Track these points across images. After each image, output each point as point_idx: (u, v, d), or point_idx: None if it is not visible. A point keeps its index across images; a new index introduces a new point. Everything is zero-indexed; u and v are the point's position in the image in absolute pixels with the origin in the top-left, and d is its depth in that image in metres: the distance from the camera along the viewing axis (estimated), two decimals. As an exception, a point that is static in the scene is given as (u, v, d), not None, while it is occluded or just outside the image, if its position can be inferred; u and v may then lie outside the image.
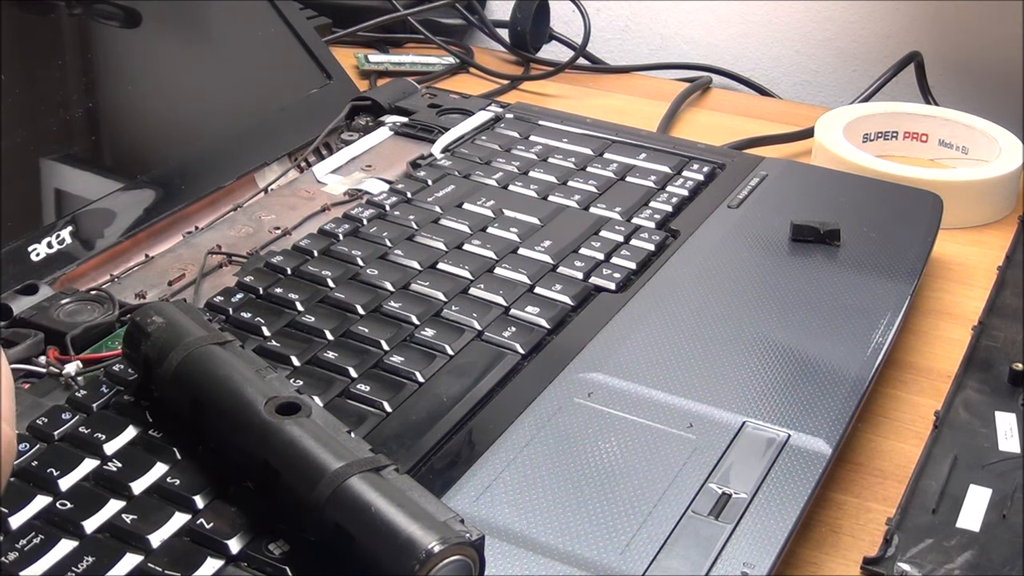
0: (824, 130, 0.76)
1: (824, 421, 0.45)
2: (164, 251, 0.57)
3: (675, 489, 0.41)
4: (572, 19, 1.00)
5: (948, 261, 0.66)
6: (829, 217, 0.59)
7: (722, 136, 0.80)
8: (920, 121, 0.80)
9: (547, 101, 0.89)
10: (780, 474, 0.42)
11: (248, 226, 0.60)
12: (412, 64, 0.94)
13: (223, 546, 0.37)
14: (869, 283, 0.55)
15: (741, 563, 0.38)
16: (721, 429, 0.44)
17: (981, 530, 0.44)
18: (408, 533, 0.34)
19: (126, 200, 0.58)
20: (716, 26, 1.02)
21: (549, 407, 0.46)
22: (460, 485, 0.41)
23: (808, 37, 0.99)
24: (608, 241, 0.58)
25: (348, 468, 0.36)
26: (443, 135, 0.70)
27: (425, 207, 0.61)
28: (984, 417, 0.51)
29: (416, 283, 0.54)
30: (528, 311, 0.52)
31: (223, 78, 0.70)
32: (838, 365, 0.49)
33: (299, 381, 0.46)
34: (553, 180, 0.65)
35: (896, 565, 0.42)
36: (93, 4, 0.63)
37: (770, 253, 0.58)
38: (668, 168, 0.67)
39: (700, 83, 0.93)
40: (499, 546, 0.38)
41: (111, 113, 0.62)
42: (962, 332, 0.58)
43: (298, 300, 0.52)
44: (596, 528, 0.39)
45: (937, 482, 0.47)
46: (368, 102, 0.73)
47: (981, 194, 0.71)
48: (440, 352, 0.49)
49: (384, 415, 0.45)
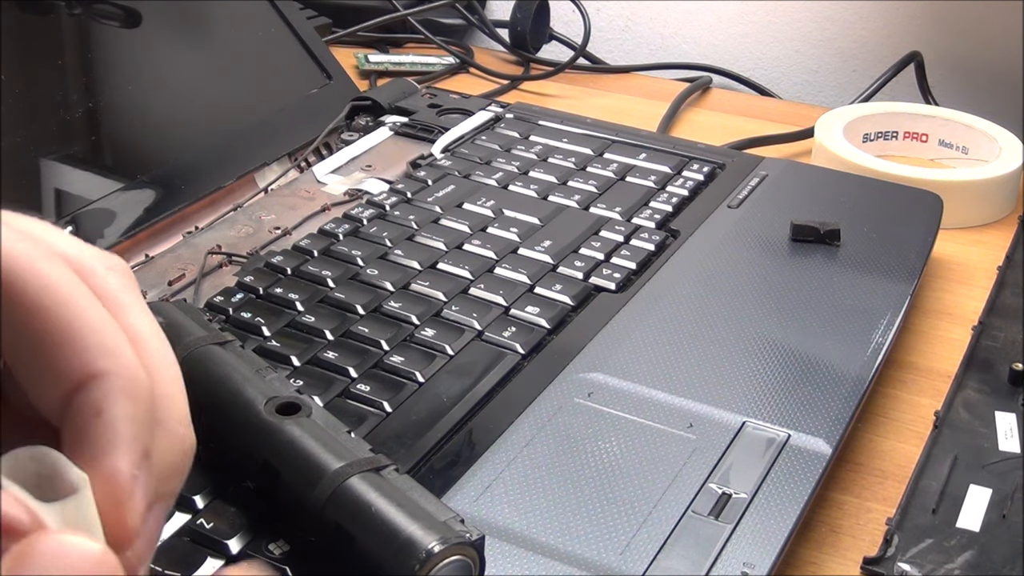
0: (824, 130, 0.76)
1: (824, 421, 0.45)
2: (164, 251, 0.57)
3: (675, 489, 0.41)
4: (572, 19, 1.00)
5: (948, 261, 0.66)
6: (829, 217, 0.60)
7: (722, 136, 0.80)
8: (920, 121, 0.80)
9: (547, 101, 0.89)
10: (780, 474, 0.42)
11: (248, 226, 0.60)
12: (412, 64, 0.94)
13: (223, 546, 0.37)
14: (869, 283, 0.55)
15: (741, 563, 0.38)
16: (721, 429, 0.44)
17: (981, 530, 0.44)
18: (408, 533, 0.34)
19: (126, 200, 0.58)
20: (716, 26, 1.02)
21: (549, 407, 0.46)
22: (460, 485, 0.41)
23: (808, 37, 0.99)
24: (608, 241, 0.58)
25: (348, 468, 0.36)
26: (443, 135, 0.70)
27: (425, 207, 0.61)
28: (984, 417, 0.51)
29: (416, 283, 0.54)
30: (528, 311, 0.52)
31: (223, 78, 0.70)
32: (838, 365, 0.49)
33: (299, 381, 0.46)
34: (553, 180, 0.65)
35: (896, 565, 0.42)
36: (93, 4, 0.63)
37: (770, 253, 0.58)
38: (668, 168, 0.67)
39: (700, 83, 0.93)
40: (499, 546, 0.38)
41: (111, 113, 0.62)
42: (962, 332, 0.58)
43: (298, 300, 0.52)
44: (596, 528, 0.39)
45: (937, 482, 0.47)
46: (368, 102, 0.73)
47: (981, 194, 0.71)
48: (440, 352, 0.49)
49: (384, 415, 0.45)
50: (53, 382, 0.24)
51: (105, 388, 0.24)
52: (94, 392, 0.24)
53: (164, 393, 0.25)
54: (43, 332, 0.24)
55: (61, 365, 0.24)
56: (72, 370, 0.24)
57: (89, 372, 0.24)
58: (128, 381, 0.24)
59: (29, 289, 0.24)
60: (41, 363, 0.24)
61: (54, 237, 0.26)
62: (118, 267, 0.26)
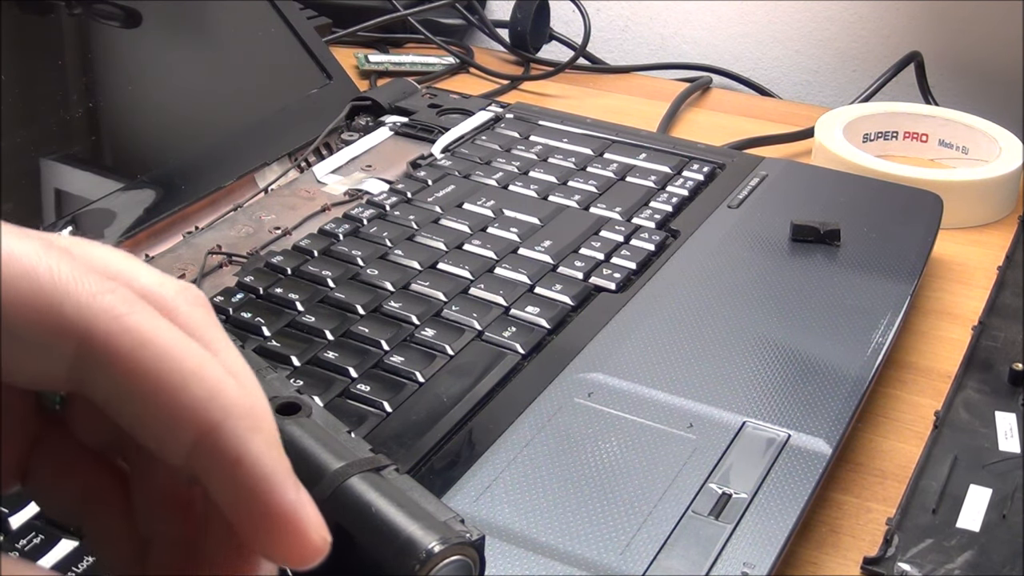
0: (824, 130, 0.76)
1: (824, 421, 0.45)
2: (164, 251, 0.57)
3: (675, 489, 0.41)
4: (572, 19, 1.00)
5: (948, 261, 0.66)
6: (829, 217, 0.60)
7: (722, 136, 0.80)
8: (920, 121, 0.80)
9: (547, 101, 0.89)
10: (780, 474, 0.42)
11: (248, 226, 0.60)
12: (412, 64, 0.94)
13: (223, 546, 0.37)
14: (869, 283, 0.55)
15: (741, 563, 0.38)
16: (721, 429, 0.44)
17: (981, 530, 0.44)
18: (408, 533, 0.33)
19: (126, 200, 0.58)
20: (716, 26, 1.02)
21: (549, 407, 0.46)
22: (460, 485, 0.41)
23: (808, 37, 0.99)
24: (608, 241, 0.58)
25: (348, 468, 0.36)
26: (443, 135, 0.70)
27: (425, 207, 0.61)
28: (984, 417, 0.51)
29: (416, 283, 0.54)
30: (528, 311, 0.52)
31: (223, 78, 0.70)
32: (838, 365, 0.49)
33: (299, 381, 0.46)
34: (553, 180, 0.65)
35: (896, 565, 0.42)
36: (93, 4, 0.63)
37: (770, 253, 0.58)
38: (668, 168, 0.67)
39: (700, 83, 0.93)
40: (499, 546, 0.38)
41: (111, 113, 0.62)
42: (962, 332, 0.58)
43: (298, 300, 0.52)
44: (596, 528, 0.39)
45: (937, 482, 0.46)
46: (368, 102, 0.73)
47: (981, 194, 0.71)
48: (440, 352, 0.49)
49: (384, 415, 0.45)
50: (172, 436, 0.23)
51: (230, 433, 0.23)
52: (222, 443, 0.23)
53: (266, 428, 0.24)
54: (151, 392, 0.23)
55: (179, 420, 0.23)
56: (192, 423, 0.23)
57: (210, 422, 0.23)
58: (249, 417, 0.23)
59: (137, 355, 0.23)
60: (155, 422, 0.23)
61: (134, 271, 0.24)
62: (199, 301, 0.25)
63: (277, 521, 0.23)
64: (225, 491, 0.23)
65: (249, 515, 0.23)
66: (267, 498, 0.23)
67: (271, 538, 0.23)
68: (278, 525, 0.23)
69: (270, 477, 0.23)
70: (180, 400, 0.23)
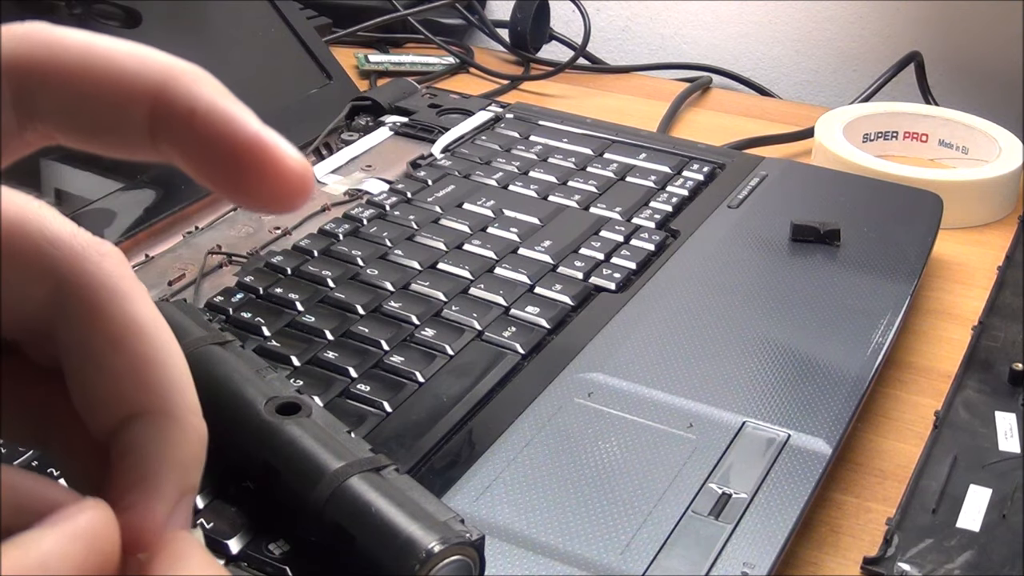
0: (824, 130, 0.76)
1: (824, 421, 0.45)
2: (164, 251, 0.57)
3: (675, 489, 0.41)
4: (572, 19, 1.00)
5: (948, 261, 0.66)
6: (829, 217, 0.59)
7: (722, 136, 0.80)
8: (920, 121, 0.80)
9: (547, 101, 0.89)
10: (780, 474, 0.42)
11: (248, 226, 0.60)
12: (412, 64, 0.94)
13: (223, 546, 0.37)
14: (869, 283, 0.55)
15: (741, 563, 0.38)
16: (721, 429, 0.44)
17: (981, 530, 0.44)
18: (408, 533, 0.34)
19: (126, 200, 0.58)
20: (716, 26, 1.02)
21: (549, 407, 0.46)
22: (460, 485, 0.41)
23: (808, 37, 0.99)
24: (608, 241, 0.58)
25: (348, 468, 0.36)
26: (443, 135, 0.70)
27: (425, 207, 0.61)
28: (984, 417, 0.51)
29: (416, 283, 0.54)
30: (528, 311, 0.52)
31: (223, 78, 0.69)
32: (838, 365, 0.49)
33: (299, 381, 0.46)
34: (553, 180, 0.65)
35: (896, 565, 0.42)
36: (93, 4, 0.63)
37: (770, 253, 0.58)
38: (668, 168, 0.67)
39: (700, 83, 0.93)
40: (499, 546, 0.38)
41: (111, 113, 0.62)
42: (962, 332, 0.58)
43: (298, 300, 0.52)
44: (596, 528, 0.39)
45: (937, 482, 0.46)
46: (368, 102, 0.73)
47: (981, 194, 0.71)
48: (440, 352, 0.49)
49: (384, 415, 0.45)
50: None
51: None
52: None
53: (174, 384, 0.24)
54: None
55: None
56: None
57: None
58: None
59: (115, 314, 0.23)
60: (100, 385, 0.23)
61: (48, 217, 0.25)
62: (113, 254, 0.25)
63: (246, 153, 0.22)
64: (192, 152, 0.23)
65: (221, 164, 0.22)
66: (230, 136, 0.22)
67: (248, 176, 0.22)
68: (248, 156, 0.22)
69: (224, 114, 0.23)
70: (122, 83, 0.23)
